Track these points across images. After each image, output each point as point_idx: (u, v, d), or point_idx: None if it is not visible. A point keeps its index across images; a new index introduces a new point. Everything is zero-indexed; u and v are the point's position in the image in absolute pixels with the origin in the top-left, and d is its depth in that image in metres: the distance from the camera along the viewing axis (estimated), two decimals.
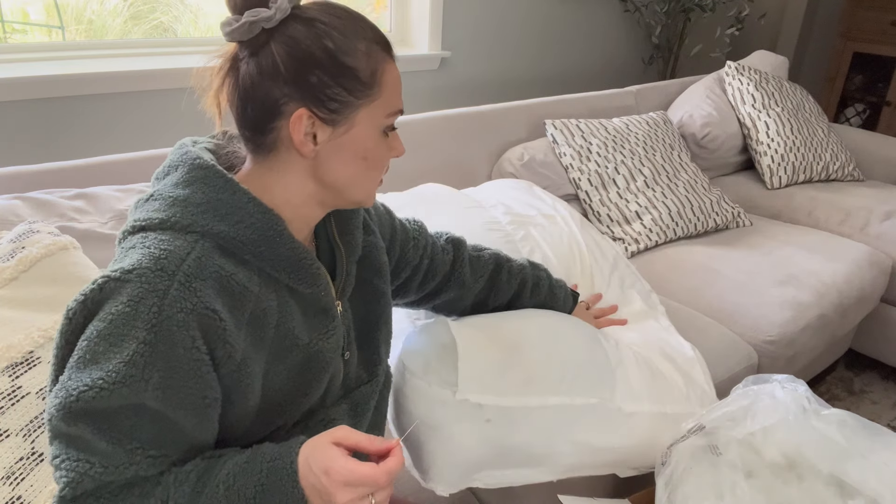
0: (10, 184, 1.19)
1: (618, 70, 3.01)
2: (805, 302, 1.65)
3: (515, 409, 0.96)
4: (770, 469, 0.95)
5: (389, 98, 0.71)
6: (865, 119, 3.70)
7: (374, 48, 0.69)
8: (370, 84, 0.69)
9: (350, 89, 0.68)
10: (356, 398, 0.83)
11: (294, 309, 0.72)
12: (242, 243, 0.67)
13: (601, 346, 1.08)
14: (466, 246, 1.06)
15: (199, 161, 0.69)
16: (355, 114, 0.69)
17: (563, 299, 1.19)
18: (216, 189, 0.68)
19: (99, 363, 0.60)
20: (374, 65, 0.69)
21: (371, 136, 0.71)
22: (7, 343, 0.84)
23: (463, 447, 0.96)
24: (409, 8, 2.32)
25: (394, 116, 0.73)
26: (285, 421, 0.74)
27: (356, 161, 0.71)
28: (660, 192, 1.93)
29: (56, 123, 1.63)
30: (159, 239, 0.64)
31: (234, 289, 0.66)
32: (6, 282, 0.90)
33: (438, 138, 1.83)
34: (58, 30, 1.73)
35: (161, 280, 0.61)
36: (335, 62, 0.66)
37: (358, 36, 0.68)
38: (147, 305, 0.60)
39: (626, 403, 1.03)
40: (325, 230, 0.81)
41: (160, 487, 0.62)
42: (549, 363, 1.01)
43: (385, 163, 0.75)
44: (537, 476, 1.03)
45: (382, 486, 0.62)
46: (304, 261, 0.71)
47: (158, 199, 0.68)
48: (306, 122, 0.67)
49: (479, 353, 0.97)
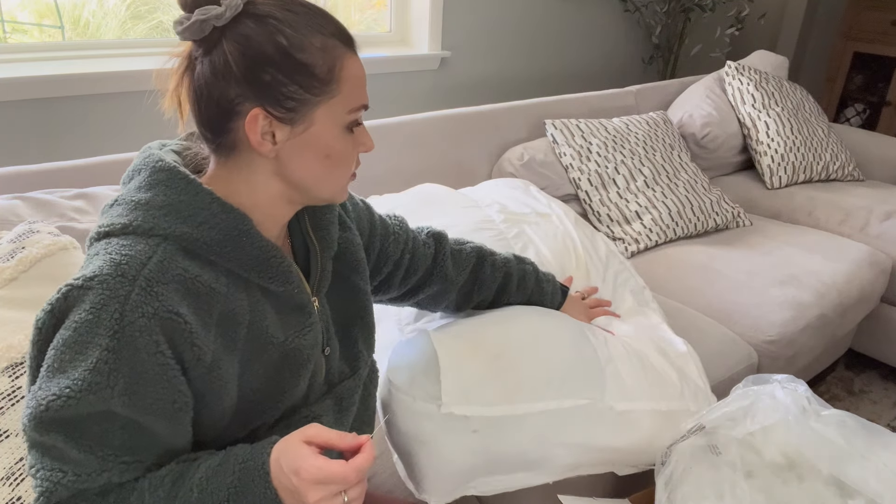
0: (10, 184, 1.19)
1: (618, 70, 3.01)
2: (805, 302, 1.65)
3: (503, 418, 0.95)
4: (770, 469, 0.95)
5: (350, 94, 0.69)
6: (865, 119, 3.70)
7: (332, 43, 0.67)
8: (327, 80, 0.67)
9: (306, 87, 0.66)
10: (340, 393, 0.83)
11: (267, 308, 0.71)
12: (207, 244, 0.66)
13: (589, 343, 1.07)
14: (448, 240, 1.05)
15: (160, 164, 0.68)
16: (313, 112, 0.67)
17: (550, 293, 1.17)
18: (178, 191, 0.67)
19: (66, 371, 0.59)
20: (332, 60, 0.67)
21: (332, 134, 0.69)
22: (7, 343, 0.84)
23: (453, 459, 0.95)
24: (409, 8, 2.32)
25: (357, 112, 0.70)
26: (265, 420, 0.74)
27: (319, 159, 0.69)
28: (660, 191, 1.93)
29: (56, 123, 1.63)
30: (121, 244, 0.63)
31: (200, 290, 0.65)
32: (6, 282, 0.90)
33: (438, 138, 1.83)
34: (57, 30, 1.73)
35: (122, 286, 0.61)
36: (289, 59, 0.65)
37: (314, 31, 0.66)
38: (109, 312, 0.60)
39: (617, 402, 1.02)
40: (298, 227, 0.81)
41: (135, 493, 0.62)
42: (534, 369, 1.00)
43: (352, 159, 0.72)
44: (534, 479, 1.03)
45: (352, 482, 0.61)
46: (273, 259, 0.70)
47: (122, 204, 0.67)
48: (262, 122, 0.66)
49: (462, 364, 0.96)
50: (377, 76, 2.22)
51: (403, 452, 0.98)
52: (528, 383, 0.98)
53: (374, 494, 0.98)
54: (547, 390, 0.99)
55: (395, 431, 0.97)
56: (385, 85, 2.25)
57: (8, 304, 0.89)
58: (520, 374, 0.99)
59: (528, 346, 1.03)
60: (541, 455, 1.00)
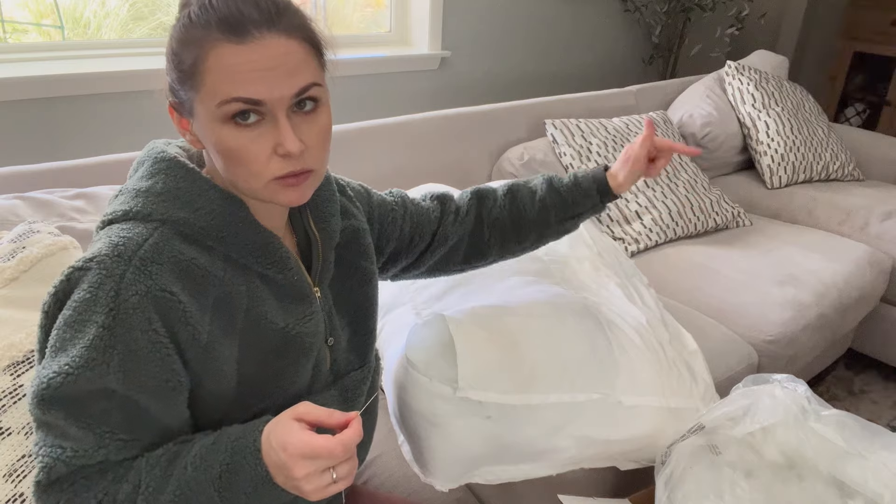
0: (10, 184, 1.19)
1: (618, 70, 3.01)
2: (805, 302, 1.65)
3: (516, 406, 0.96)
4: (770, 469, 0.95)
5: (217, 86, 0.62)
6: (865, 119, 3.70)
7: (210, 32, 0.62)
8: (191, 73, 0.63)
9: (178, 80, 0.65)
10: (346, 384, 0.83)
11: (267, 294, 0.72)
12: (204, 230, 0.68)
13: (604, 337, 1.07)
14: (452, 198, 1.01)
15: (162, 154, 0.71)
16: (192, 106, 0.65)
17: (585, 182, 1.01)
18: (177, 178, 0.69)
19: (66, 350, 0.61)
20: (198, 51, 0.62)
21: (211, 129, 0.64)
22: (8, 342, 0.84)
23: (463, 443, 0.96)
24: (409, 8, 2.32)
25: (230, 105, 0.62)
26: (267, 405, 0.74)
27: (217, 156, 0.66)
28: (660, 191, 1.93)
29: (56, 123, 1.63)
30: (121, 228, 0.66)
31: (195, 272, 0.66)
32: (7, 282, 0.90)
33: (438, 138, 1.83)
34: (58, 29, 1.73)
35: (118, 265, 0.63)
36: (170, 51, 0.66)
37: (199, 24, 0.62)
38: (105, 290, 0.62)
39: (627, 396, 1.03)
40: (301, 221, 0.81)
41: (133, 472, 0.64)
42: (550, 360, 1.01)
43: (255, 156, 0.64)
44: (537, 471, 1.03)
45: (339, 457, 0.60)
46: (270, 245, 0.71)
47: (125, 193, 0.70)
48: (176, 116, 0.69)
49: (479, 350, 0.97)
50: (377, 76, 2.22)
51: (413, 434, 0.98)
52: (543, 374, 0.99)
53: (375, 494, 0.98)
54: (561, 383, 0.99)
55: (407, 411, 0.98)
56: (385, 85, 2.25)
57: (8, 303, 0.89)
58: (535, 364, 0.99)
59: (545, 336, 1.03)
60: (548, 446, 1.01)
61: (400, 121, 1.79)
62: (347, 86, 2.17)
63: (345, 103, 2.18)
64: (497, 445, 0.98)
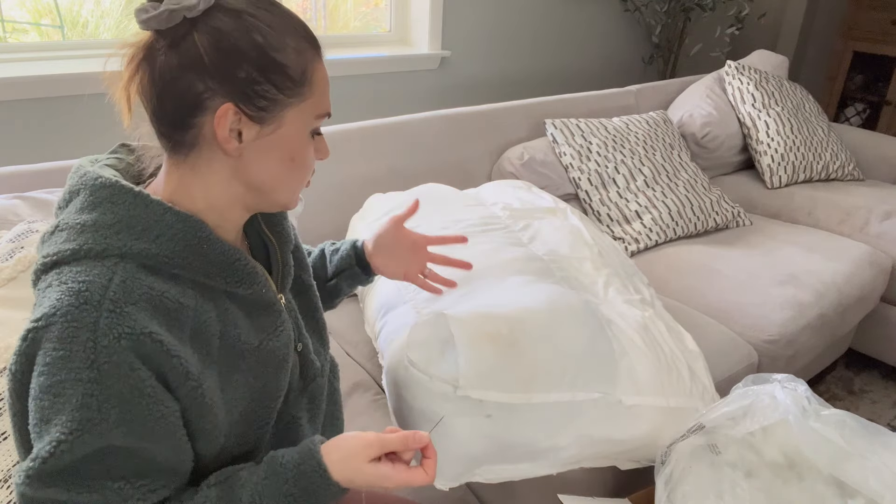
0: (10, 184, 1.19)
1: (618, 70, 3.01)
2: (805, 301, 1.65)
3: (517, 405, 0.96)
4: (770, 469, 0.95)
5: (320, 99, 0.68)
6: (865, 119, 3.70)
7: (304, 46, 0.66)
8: (301, 82, 0.66)
9: (280, 87, 0.64)
10: (313, 391, 0.83)
11: (236, 314, 0.69)
12: (168, 257, 0.63)
13: (605, 336, 1.07)
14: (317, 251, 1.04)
15: (100, 180, 0.64)
16: (284, 113, 0.66)
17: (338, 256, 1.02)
18: (126, 206, 0.63)
19: (50, 420, 0.56)
20: (305, 63, 0.66)
21: (299, 137, 0.68)
22: (6, 343, 0.84)
23: (463, 442, 0.96)
24: (409, 8, 2.32)
25: (321, 119, 0.70)
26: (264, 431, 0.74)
27: (283, 162, 0.68)
28: (660, 191, 1.93)
29: (56, 123, 1.63)
30: (75, 271, 0.59)
31: (169, 306, 0.62)
32: (5, 281, 0.90)
33: (438, 138, 1.83)
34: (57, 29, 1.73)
35: (87, 314, 0.57)
36: (265, 57, 0.63)
37: (288, 32, 0.65)
38: (79, 343, 0.56)
39: (628, 396, 1.03)
40: (253, 226, 0.80)
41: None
42: (551, 359, 1.00)
43: (311, 165, 0.72)
44: (537, 470, 1.03)
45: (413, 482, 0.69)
46: (237, 262, 0.68)
47: (65, 230, 0.62)
48: (232, 118, 0.63)
49: (480, 349, 0.97)
50: (377, 76, 2.22)
51: None
52: (544, 373, 0.99)
53: (375, 494, 0.98)
54: (562, 382, 0.99)
55: (407, 410, 0.98)
56: (385, 85, 2.25)
57: (7, 303, 0.89)
58: (536, 364, 0.99)
59: (545, 335, 1.03)
60: (548, 445, 1.00)
61: (400, 121, 1.79)
62: (347, 86, 2.17)
63: (345, 103, 2.18)
64: (497, 444, 0.98)
